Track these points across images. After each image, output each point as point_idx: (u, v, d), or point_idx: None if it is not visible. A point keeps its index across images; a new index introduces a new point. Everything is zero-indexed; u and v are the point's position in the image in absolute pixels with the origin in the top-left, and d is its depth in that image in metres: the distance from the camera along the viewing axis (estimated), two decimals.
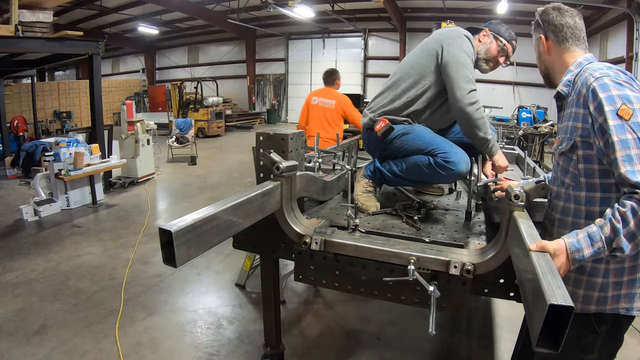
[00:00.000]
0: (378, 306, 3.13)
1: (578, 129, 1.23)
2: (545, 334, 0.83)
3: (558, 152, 1.33)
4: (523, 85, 13.62)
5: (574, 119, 1.25)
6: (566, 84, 1.33)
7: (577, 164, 1.24)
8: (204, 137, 13.02)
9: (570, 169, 1.27)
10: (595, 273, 1.24)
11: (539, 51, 1.45)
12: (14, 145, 8.82)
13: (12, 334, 2.73)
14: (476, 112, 1.81)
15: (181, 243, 0.99)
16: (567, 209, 1.30)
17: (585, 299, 1.26)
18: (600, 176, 1.20)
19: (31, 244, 4.35)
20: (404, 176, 1.97)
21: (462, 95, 1.81)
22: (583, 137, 1.21)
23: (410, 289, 1.38)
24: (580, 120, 1.22)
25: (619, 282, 1.22)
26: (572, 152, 1.25)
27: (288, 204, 1.54)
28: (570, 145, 1.25)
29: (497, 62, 2.08)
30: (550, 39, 1.40)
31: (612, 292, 1.23)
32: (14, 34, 4.96)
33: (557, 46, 1.38)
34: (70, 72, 21.52)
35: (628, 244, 1.05)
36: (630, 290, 1.22)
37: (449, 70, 1.85)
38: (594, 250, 1.08)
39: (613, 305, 1.24)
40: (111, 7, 14.21)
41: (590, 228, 1.10)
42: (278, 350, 2.19)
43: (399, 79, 2.02)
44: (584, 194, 1.24)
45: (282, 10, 11.73)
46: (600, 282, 1.24)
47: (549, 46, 1.40)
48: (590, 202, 1.23)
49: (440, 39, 1.93)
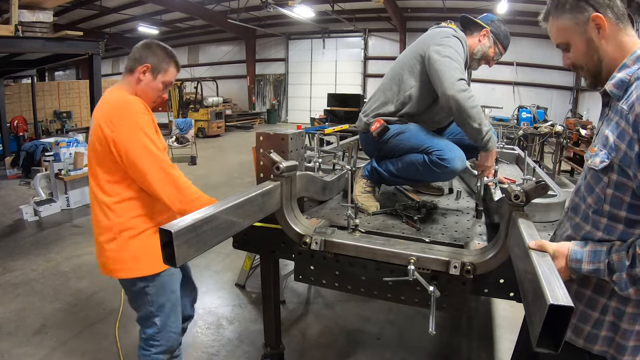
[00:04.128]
0: (378, 306, 3.13)
1: (620, 150, 0.98)
2: (545, 334, 0.83)
3: (588, 164, 1.09)
4: (523, 85, 13.63)
5: (618, 135, 0.99)
6: (618, 84, 1.03)
7: (606, 187, 1.03)
8: (204, 137, 13.03)
9: (596, 190, 1.06)
10: (593, 305, 1.10)
11: (587, 38, 1.07)
12: (14, 145, 8.81)
13: (12, 334, 2.73)
14: (468, 100, 1.69)
15: (181, 243, 0.99)
16: (581, 228, 1.13)
17: (577, 330, 1.13)
18: (629, 210, 1.01)
19: (31, 244, 4.36)
20: (401, 175, 1.97)
21: (451, 83, 1.71)
22: (623, 163, 0.98)
23: (410, 289, 1.38)
24: (624, 142, 0.97)
25: (615, 325, 1.07)
26: (604, 173, 1.03)
27: (288, 204, 1.54)
28: (605, 165, 1.02)
29: (487, 64, 2.10)
30: (609, 17, 1.03)
31: (605, 332, 1.09)
32: (14, 34, 4.95)
33: (615, 26, 1.04)
34: (70, 72, 21.51)
35: (629, 285, 0.97)
36: (624, 342, 1.07)
37: (436, 65, 1.78)
38: (593, 267, 1.01)
39: (602, 348, 1.10)
40: (111, 7, 14.20)
41: (600, 246, 1.03)
42: (278, 350, 2.20)
43: (390, 81, 2.01)
44: (605, 221, 1.05)
45: (282, 10, 11.73)
46: (596, 317, 1.10)
47: (608, 28, 1.04)
48: (609, 232, 1.05)
49: (429, 39, 1.91)
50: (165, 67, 1.69)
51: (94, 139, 1.59)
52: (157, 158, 1.57)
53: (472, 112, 1.70)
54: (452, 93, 1.70)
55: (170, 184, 1.58)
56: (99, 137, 1.56)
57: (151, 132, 1.59)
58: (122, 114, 1.56)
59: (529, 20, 12.26)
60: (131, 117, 1.55)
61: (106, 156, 1.57)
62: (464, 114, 1.71)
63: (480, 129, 1.74)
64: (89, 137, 1.66)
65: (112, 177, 1.61)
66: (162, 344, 1.82)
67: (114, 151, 1.54)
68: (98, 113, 1.60)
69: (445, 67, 1.75)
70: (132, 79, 1.67)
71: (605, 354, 1.10)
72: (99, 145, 1.57)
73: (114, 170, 1.59)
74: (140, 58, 1.66)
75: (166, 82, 1.72)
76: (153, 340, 1.81)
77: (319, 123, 10.18)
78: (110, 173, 1.60)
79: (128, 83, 1.68)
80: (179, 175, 1.62)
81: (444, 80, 1.73)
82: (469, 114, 1.71)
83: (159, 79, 1.69)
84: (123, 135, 1.53)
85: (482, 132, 1.75)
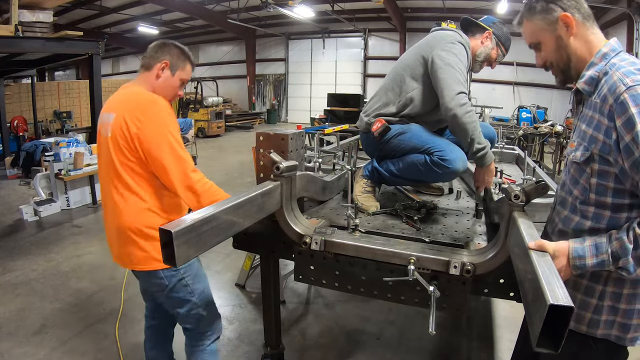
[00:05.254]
0: (378, 306, 3.13)
1: (598, 141, 1.06)
2: (545, 334, 0.83)
3: (570, 159, 1.17)
4: (523, 85, 13.63)
5: (594, 127, 1.07)
6: (588, 81, 1.11)
7: (589, 177, 1.10)
8: (204, 137, 13.02)
9: (581, 181, 1.13)
10: (591, 293, 1.16)
11: (556, 36, 1.15)
12: (14, 145, 8.81)
13: (12, 334, 2.73)
14: (465, 115, 1.72)
15: (181, 243, 1.00)
16: (570, 220, 1.19)
17: (578, 318, 1.19)
18: (614, 195, 1.07)
19: (31, 244, 4.36)
20: (402, 175, 1.97)
21: (451, 97, 1.74)
22: (602, 152, 1.05)
23: (410, 289, 1.38)
24: (601, 132, 1.04)
25: (614, 308, 1.13)
26: (586, 165, 1.10)
27: (288, 204, 1.54)
28: (586, 157, 1.09)
29: (489, 65, 2.10)
30: (575, 17, 1.11)
31: (605, 316, 1.14)
32: (14, 34, 4.95)
33: (582, 25, 1.11)
34: (70, 72, 21.51)
35: (636, 266, 1.00)
36: (626, 320, 1.13)
37: (439, 73, 1.80)
38: (597, 260, 1.03)
39: (604, 331, 1.15)
40: (111, 7, 14.21)
41: (600, 238, 1.04)
42: (278, 350, 2.20)
43: (392, 81, 2.01)
44: (592, 209, 1.11)
45: (282, 10, 11.73)
46: (595, 303, 1.15)
47: (575, 26, 1.12)
48: (597, 220, 1.11)
49: (434, 43, 1.91)
50: (183, 64, 1.71)
51: (116, 133, 1.56)
52: (181, 159, 1.57)
53: (469, 127, 1.73)
54: (452, 106, 1.74)
55: (189, 190, 1.58)
56: (122, 133, 1.54)
57: (176, 132, 1.59)
58: (150, 111, 1.55)
59: None
60: (159, 115, 1.56)
61: (130, 152, 1.56)
62: (460, 128, 1.75)
63: (473, 144, 1.76)
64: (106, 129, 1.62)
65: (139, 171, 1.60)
66: (212, 332, 1.83)
67: (138, 148, 1.54)
68: (121, 108, 1.58)
69: (447, 77, 1.78)
70: (150, 75, 1.67)
71: (609, 336, 1.15)
72: (123, 141, 1.55)
73: (139, 165, 1.58)
74: (158, 55, 1.66)
75: (183, 79, 1.73)
76: (203, 332, 1.81)
77: (319, 123, 10.19)
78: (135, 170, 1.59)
79: (146, 80, 1.68)
80: (199, 178, 1.61)
81: (445, 92, 1.77)
82: (464, 128, 1.74)
83: (177, 76, 1.70)
84: (149, 133, 1.53)
85: (473, 147, 1.76)
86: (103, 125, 1.65)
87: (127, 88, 1.70)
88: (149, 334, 2.05)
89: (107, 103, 1.70)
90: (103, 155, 1.66)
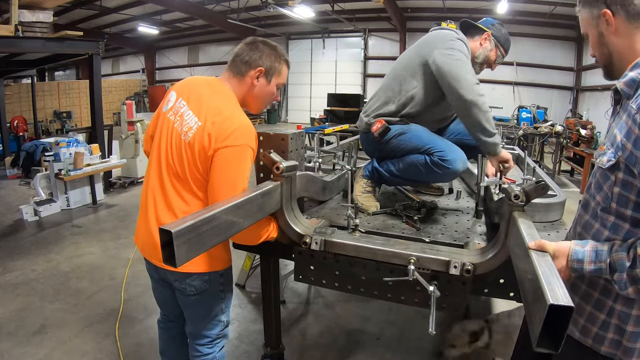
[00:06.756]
0: (378, 306, 3.13)
1: (626, 150, 0.99)
2: (546, 334, 0.83)
3: (597, 163, 1.11)
4: (523, 85, 13.62)
5: (625, 134, 1.00)
6: (629, 83, 1.04)
7: (613, 185, 1.04)
8: None
9: (604, 188, 1.08)
10: (600, 307, 1.11)
11: (599, 31, 1.12)
12: (14, 145, 8.82)
13: (12, 334, 2.73)
14: (485, 104, 1.73)
15: (181, 243, 0.99)
16: (591, 226, 1.13)
17: (584, 330, 1.14)
18: (635, 209, 1.02)
19: (31, 244, 4.36)
20: (402, 175, 1.97)
21: (470, 88, 1.72)
22: (629, 161, 0.99)
23: (410, 289, 1.38)
24: (630, 141, 0.98)
25: (621, 328, 1.08)
26: (611, 172, 1.05)
27: (288, 204, 1.54)
28: (612, 164, 1.04)
29: (489, 67, 2.10)
30: (619, 15, 1.06)
31: (612, 334, 1.09)
32: (14, 34, 4.96)
33: (627, 23, 1.06)
34: (70, 72, 21.51)
35: (628, 285, 0.98)
36: (632, 344, 1.07)
37: (446, 68, 1.78)
38: (595, 267, 1.01)
39: (609, 350, 1.10)
40: (111, 7, 14.20)
41: (602, 245, 1.03)
42: (278, 350, 2.20)
43: (392, 81, 2.01)
44: (612, 219, 1.06)
45: (282, 10, 11.73)
46: (603, 319, 1.10)
47: (617, 24, 1.07)
48: (615, 231, 1.06)
49: (434, 42, 1.90)
50: (278, 68, 1.57)
51: (195, 144, 1.43)
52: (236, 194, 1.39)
53: (488, 115, 1.76)
54: (472, 98, 1.72)
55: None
56: (203, 147, 1.41)
57: (248, 169, 1.46)
58: (239, 140, 1.41)
59: (529, 20, 12.27)
60: (245, 150, 1.42)
61: (202, 164, 1.45)
62: (480, 118, 1.74)
63: (489, 131, 1.77)
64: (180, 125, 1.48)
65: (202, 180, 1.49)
66: (225, 337, 1.77)
67: (209, 160, 1.42)
68: (209, 121, 1.42)
69: (461, 70, 1.77)
70: (243, 84, 1.53)
71: (614, 356, 1.10)
72: (201, 153, 1.43)
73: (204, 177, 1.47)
74: (251, 61, 1.51)
75: (280, 84, 1.61)
76: (218, 338, 1.73)
77: (319, 123, 10.18)
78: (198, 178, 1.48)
79: (239, 86, 1.54)
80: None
81: (463, 84, 1.74)
82: (487, 117, 1.75)
83: (273, 82, 1.57)
84: (226, 158, 1.40)
85: (490, 134, 1.77)
86: (174, 111, 1.50)
87: (213, 87, 1.53)
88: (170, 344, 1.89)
89: (189, 92, 1.52)
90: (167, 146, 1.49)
